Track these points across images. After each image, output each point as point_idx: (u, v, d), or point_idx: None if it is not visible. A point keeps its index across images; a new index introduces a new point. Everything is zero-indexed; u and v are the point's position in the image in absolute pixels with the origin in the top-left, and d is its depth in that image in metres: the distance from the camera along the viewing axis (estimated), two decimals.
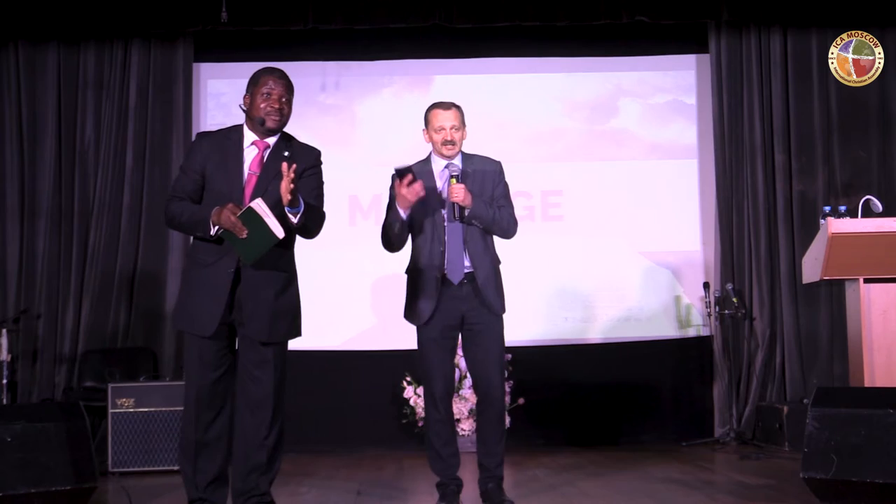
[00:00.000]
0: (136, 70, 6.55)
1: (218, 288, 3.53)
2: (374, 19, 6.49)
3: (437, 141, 4.16)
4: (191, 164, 3.62)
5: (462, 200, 4.01)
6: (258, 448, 3.60)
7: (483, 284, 4.06)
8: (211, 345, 3.58)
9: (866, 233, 4.66)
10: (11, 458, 3.60)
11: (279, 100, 3.59)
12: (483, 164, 4.20)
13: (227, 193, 3.53)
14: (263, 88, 3.58)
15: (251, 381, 3.61)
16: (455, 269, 4.05)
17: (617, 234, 6.73)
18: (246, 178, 3.57)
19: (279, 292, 3.61)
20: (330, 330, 6.55)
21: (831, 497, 3.73)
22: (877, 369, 4.62)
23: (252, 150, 3.61)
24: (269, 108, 3.57)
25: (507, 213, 4.15)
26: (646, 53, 6.82)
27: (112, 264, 6.44)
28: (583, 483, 4.85)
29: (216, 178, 3.57)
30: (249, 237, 3.41)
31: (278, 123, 3.61)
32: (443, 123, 4.14)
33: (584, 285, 6.68)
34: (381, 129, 6.74)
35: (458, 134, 4.14)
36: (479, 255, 4.07)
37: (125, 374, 5.92)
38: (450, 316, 4.07)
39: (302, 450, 6.14)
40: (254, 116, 3.59)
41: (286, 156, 3.56)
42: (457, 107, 4.19)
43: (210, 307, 3.53)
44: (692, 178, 6.83)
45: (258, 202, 3.42)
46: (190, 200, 3.59)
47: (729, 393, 6.46)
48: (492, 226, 4.10)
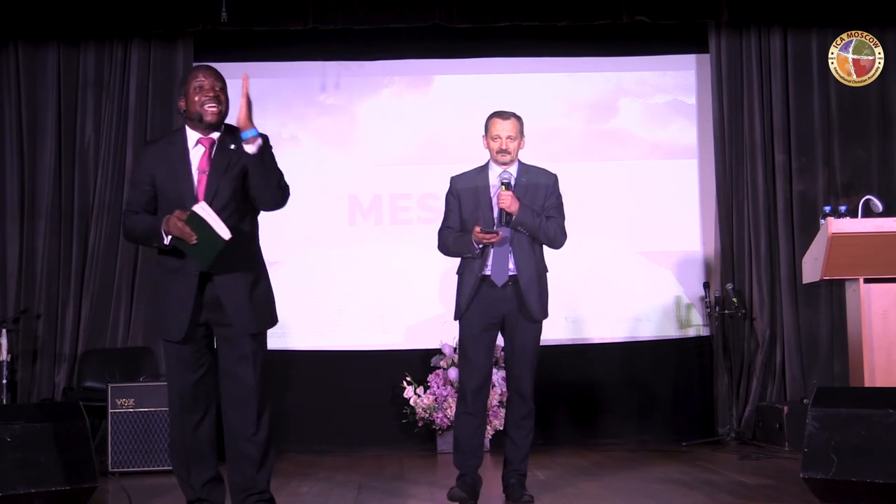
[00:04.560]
0: (136, 70, 6.54)
1: (183, 293, 3.52)
2: (374, 19, 6.49)
3: (493, 149, 4.28)
4: (140, 176, 3.59)
5: (508, 207, 4.14)
6: (248, 444, 3.57)
7: (525, 288, 4.19)
8: (187, 348, 3.56)
9: (866, 233, 4.65)
10: (11, 458, 3.60)
11: (212, 89, 3.50)
12: (538, 176, 4.33)
13: (179, 199, 3.48)
14: (194, 83, 3.51)
15: (232, 379, 3.58)
16: (499, 271, 4.19)
17: (617, 234, 6.73)
18: (197, 179, 3.52)
19: (252, 285, 3.57)
20: (330, 330, 6.55)
21: (831, 497, 3.73)
22: (877, 369, 4.62)
23: (198, 149, 3.55)
24: (205, 99, 3.49)
25: (556, 224, 4.27)
26: (646, 53, 6.82)
27: (112, 264, 6.44)
28: (583, 483, 4.85)
29: (167, 186, 3.53)
30: (200, 242, 3.36)
31: (217, 113, 3.51)
32: (499, 132, 4.26)
33: (584, 285, 6.68)
34: (381, 129, 6.73)
35: (513, 144, 4.26)
36: (524, 260, 4.20)
37: (125, 374, 5.92)
38: (491, 314, 4.22)
39: (302, 450, 6.15)
40: (192, 114, 3.52)
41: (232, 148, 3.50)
42: (517, 117, 4.31)
43: (177, 313, 3.52)
44: (692, 178, 6.83)
45: (202, 205, 3.37)
46: (145, 213, 3.56)
47: (729, 393, 6.47)
48: (537, 233, 4.22)
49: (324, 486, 4.98)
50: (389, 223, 6.68)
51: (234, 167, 3.52)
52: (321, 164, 6.68)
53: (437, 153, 6.55)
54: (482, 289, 4.19)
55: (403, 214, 6.65)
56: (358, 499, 4.58)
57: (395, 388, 6.42)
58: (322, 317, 6.40)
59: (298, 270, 6.49)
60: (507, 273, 4.19)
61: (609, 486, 4.74)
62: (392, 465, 5.73)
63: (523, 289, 4.18)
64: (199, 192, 3.50)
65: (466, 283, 4.22)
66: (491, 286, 4.19)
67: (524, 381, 4.27)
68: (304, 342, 6.50)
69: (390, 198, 6.70)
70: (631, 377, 6.64)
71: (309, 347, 6.39)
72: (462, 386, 4.28)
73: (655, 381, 6.66)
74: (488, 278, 4.19)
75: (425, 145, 6.62)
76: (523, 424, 4.29)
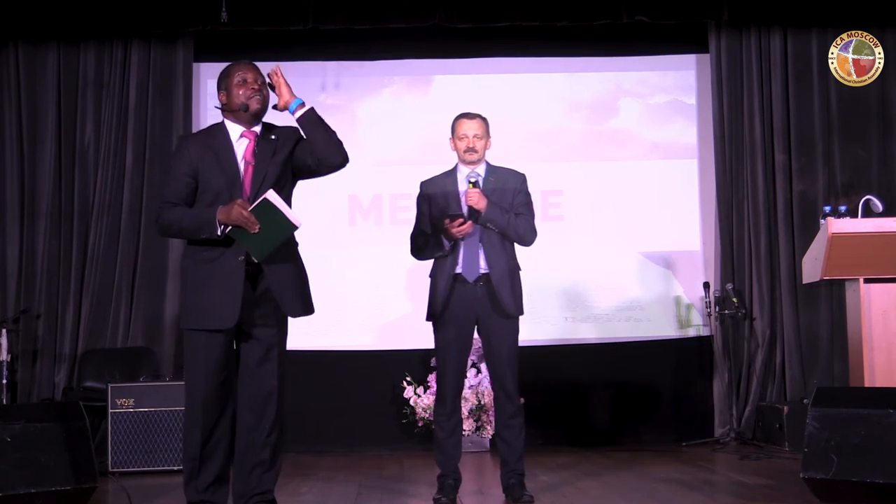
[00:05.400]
0: (136, 70, 6.54)
1: (231, 279, 3.51)
2: (374, 19, 6.49)
3: (461, 148, 4.32)
4: (180, 168, 3.58)
5: (476, 204, 4.17)
6: (262, 446, 3.60)
7: (498, 285, 4.21)
8: (220, 345, 3.55)
9: (866, 233, 4.66)
10: (11, 458, 3.60)
11: (255, 82, 3.61)
12: (505, 175, 4.37)
13: (226, 189, 3.53)
14: (236, 78, 3.61)
15: (254, 379, 3.60)
16: (470, 268, 4.22)
17: (617, 234, 6.73)
18: (243, 169, 3.58)
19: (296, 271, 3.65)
20: (330, 330, 6.54)
21: (831, 497, 3.73)
22: (877, 369, 4.62)
23: (243, 141, 3.62)
24: (249, 92, 3.59)
25: (525, 221, 4.31)
26: (646, 53, 6.82)
27: (112, 264, 6.44)
28: (583, 483, 4.85)
29: (211, 177, 3.55)
30: (261, 232, 3.39)
31: (261, 104, 3.62)
32: (466, 132, 4.31)
33: (584, 285, 6.68)
34: (380, 129, 6.73)
35: (480, 143, 4.30)
36: (494, 257, 4.23)
37: (125, 374, 5.92)
38: (465, 317, 4.23)
39: (302, 450, 6.15)
40: (236, 106, 3.59)
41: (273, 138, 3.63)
42: (482, 117, 4.36)
43: (226, 299, 3.50)
44: (692, 178, 6.83)
45: (272, 193, 3.40)
46: (185, 205, 3.57)
47: (729, 393, 6.46)
48: (506, 230, 4.25)
49: (324, 486, 4.98)
50: (389, 223, 6.68)
51: (278, 155, 3.61)
52: None
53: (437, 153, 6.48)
54: (455, 288, 4.21)
55: (403, 214, 6.63)
56: (358, 499, 4.58)
57: (395, 388, 6.42)
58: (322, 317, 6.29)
59: None
60: (478, 269, 4.21)
61: (609, 486, 4.74)
62: (392, 465, 5.73)
63: (496, 286, 4.20)
64: (247, 181, 3.55)
65: (439, 284, 4.24)
66: (463, 284, 4.21)
67: (507, 380, 4.27)
68: (304, 342, 6.47)
69: (390, 198, 6.71)
70: (631, 377, 6.64)
71: (309, 347, 6.38)
72: (440, 389, 4.32)
73: (655, 381, 6.66)
74: (460, 276, 4.21)
75: (425, 145, 6.61)
76: (513, 423, 4.29)
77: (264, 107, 3.65)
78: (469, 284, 4.21)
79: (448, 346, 4.26)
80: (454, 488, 4.29)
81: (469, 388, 6.13)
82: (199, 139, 3.70)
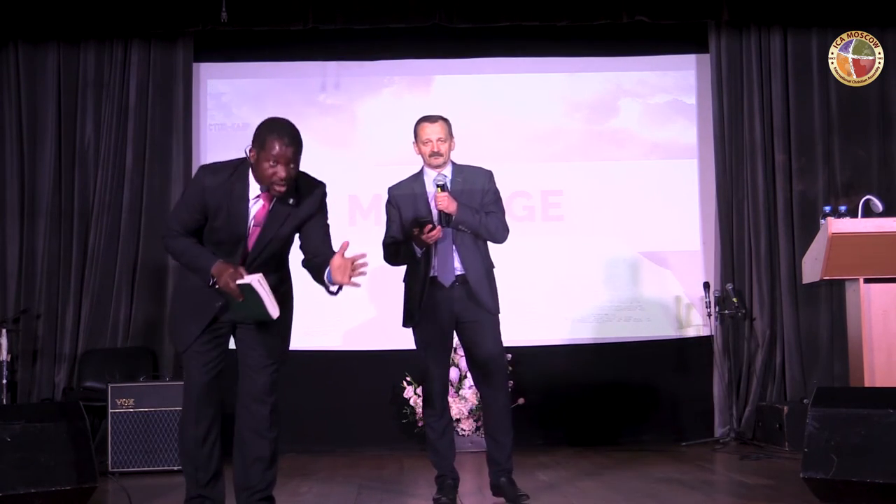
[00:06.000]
0: (136, 70, 6.54)
1: (203, 312, 3.56)
2: (374, 19, 6.49)
3: (426, 153, 4.29)
4: (192, 202, 3.55)
5: (446, 207, 4.15)
6: (261, 443, 3.62)
7: (475, 286, 4.20)
8: (215, 345, 3.60)
9: (866, 233, 4.66)
10: (11, 458, 3.60)
11: (286, 166, 3.43)
12: (472, 174, 4.33)
13: (227, 242, 3.52)
14: (271, 153, 3.41)
15: (252, 376, 3.62)
16: (446, 271, 4.20)
17: (617, 234, 6.73)
18: (249, 230, 3.54)
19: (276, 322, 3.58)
20: (330, 330, 6.55)
21: (831, 497, 3.73)
22: (877, 369, 4.62)
23: (257, 201, 3.54)
24: (276, 178, 3.43)
25: (496, 219, 4.27)
26: (646, 53, 6.82)
27: (112, 264, 6.44)
28: (583, 483, 4.85)
29: (219, 226, 3.53)
30: (245, 301, 3.40)
31: (284, 192, 3.49)
32: (429, 136, 4.27)
33: (584, 285, 6.68)
34: (381, 129, 6.73)
35: (444, 146, 4.27)
36: (469, 259, 4.21)
37: (125, 374, 5.92)
38: (443, 318, 4.21)
39: (302, 450, 6.15)
40: (260, 179, 3.48)
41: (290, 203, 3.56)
42: (444, 119, 4.31)
43: (190, 326, 3.57)
44: (692, 178, 6.82)
45: (259, 280, 3.37)
46: (190, 235, 3.57)
47: (729, 393, 6.46)
48: (478, 230, 4.23)
49: (324, 486, 4.98)
50: None
51: (288, 224, 3.57)
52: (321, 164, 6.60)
53: None
54: (431, 292, 4.18)
55: None
56: (358, 499, 4.58)
57: (395, 388, 6.42)
58: (322, 317, 6.38)
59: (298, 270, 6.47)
60: (453, 273, 4.19)
61: (609, 486, 4.74)
62: (392, 465, 5.73)
63: (473, 286, 4.18)
64: (250, 242, 3.54)
65: (414, 288, 4.22)
66: (439, 288, 4.19)
67: (494, 374, 4.24)
68: (304, 342, 6.47)
69: None
70: (631, 377, 6.63)
71: (309, 347, 6.37)
72: (427, 391, 4.30)
73: (655, 381, 6.66)
74: (436, 280, 4.20)
75: None
76: (502, 418, 4.26)
77: (287, 193, 3.51)
78: (445, 287, 4.19)
79: (430, 348, 4.24)
80: (453, 488, 4.28)
81: (469, 388, 6.13)
82: (219, 179, 3.53)
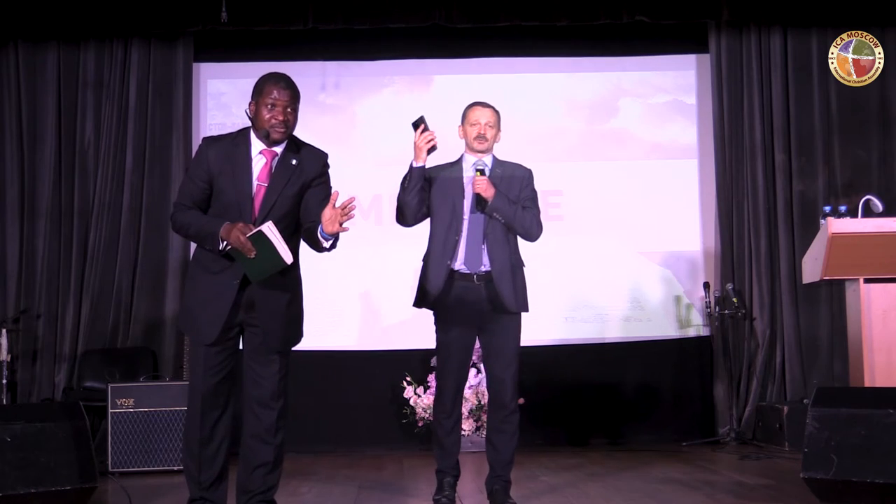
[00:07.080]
0: (136, 70, 6.55)
1: (222, 297, 3.52)
2: (374, 19, 6.49)
3: (471, 134, 4.20)
4: (197, 172, 3.56)
5: (484, 191, 4.06)
6: (265, 447, 3.61)
7: (498, 279, 4.08)
8: (216, 350, 3.56)
9: (866, 233, 4.66)
10: (11, 458, 3.60)
11: (284, 110, 3.50)
12: (513, 169, 4.25)
13: (235, 204, 3.50)
14: (268, 98, 3.50)
15: (257, 381, 3.61)
16: (472, 260, 4.09)
17: (617, 234, 6.73)
18: (255, 190, 3.53)
19: (288, 304, 3.60)
20: (330, 330, 6.55)
21: (831, 497, 3.73)
22: (877, 369, 4.62)
23: (260, 159, 3.55)
24: (274, 121, 3.49)
25: (531, 214, 4.19)
26: (646, 53, 6.82)
27: (112, 264, 6.44)
28: (583, 483, 4.85)
29: (224, 188, 3.52)
30: (258, 257, 3.37)
31: (283, 135, 3.54)
32: (478, 118, 4.19)
33: (584, 285, 6.68)
34: (381, 129, 6.73)
35: (491, 131, 4.19)
36: (497, 250, 4.11)
37: (125, 374, 5.92)
38: (468, 317, 4.11)
39: (302, 450, 6.14)
40: (259, 127, 3.53)
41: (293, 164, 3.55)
42: (495, 109, 4.25)
43: (212, 317, 3.52)
44: (692, 178, 6.83)
45: (269, 226, 3.36)
46: (197, 208, 3.56)
47: (729, 393, 6.47)
48: (513, 221, 4.12)
49: (324, 486, 4.98)
50: (389, 223, 6.64)
51: (292, 184, 3.54)
52: None
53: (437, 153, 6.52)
54: (454, 283, 4.08)
55: None
56: (358, 499, 4.58)
57: (395, 388, 6.42)
58: (322, 317, 6.38)
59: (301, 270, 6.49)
60: (480, 263, 4.08)
61: (609, 486, 4.74)
62: (392, 465, 5.73)
63: (496, 280, 4.07)
64: (257, 202, 3.51)
65: (432, 273, 4.11)
66: (462, 278, 4.09)
67: (506, 383, 4.13)
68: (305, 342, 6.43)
69: (390, 198, 6.64)
70: (631, 377, 6.64)
71: (309, 348, 6.35)
72: (441, 387, 4.22)
73: (655, 382, 6.66)
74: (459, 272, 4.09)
75: None
76: (505, 428, 4.17)
77: (285, 137, 3.55)
78: (470, 281, 4.09)
79: (450, 346, 4.16)
80: (452, 485, 4.24)
81: (469, 388, 6.13)
82: (222, 146, 3.58)
